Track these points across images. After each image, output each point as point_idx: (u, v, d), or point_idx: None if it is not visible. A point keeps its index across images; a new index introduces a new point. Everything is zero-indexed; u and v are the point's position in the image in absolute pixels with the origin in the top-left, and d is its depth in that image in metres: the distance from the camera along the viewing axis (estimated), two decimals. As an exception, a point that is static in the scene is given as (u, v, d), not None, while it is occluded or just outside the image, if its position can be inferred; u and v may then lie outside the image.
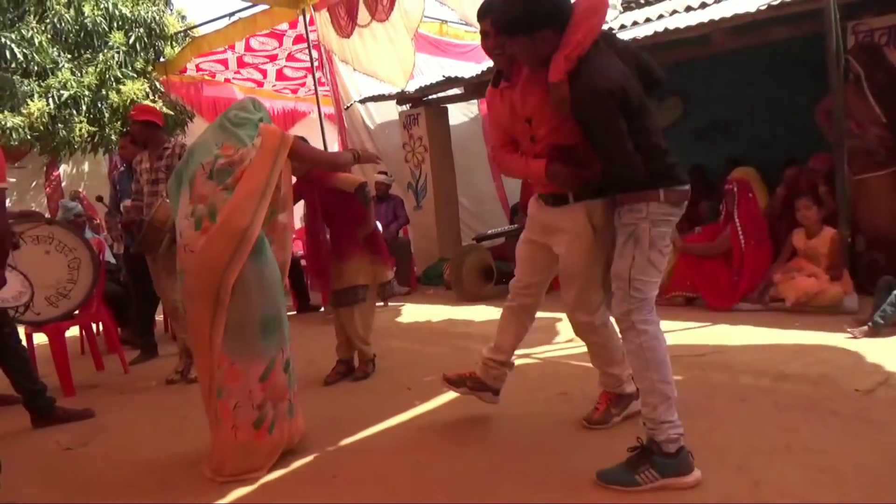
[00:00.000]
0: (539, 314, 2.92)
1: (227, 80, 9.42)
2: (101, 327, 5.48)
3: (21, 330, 3.92)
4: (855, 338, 3.72)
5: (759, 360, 3.52)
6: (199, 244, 2.60)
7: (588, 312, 2.66)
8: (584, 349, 2.90)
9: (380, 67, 7.25)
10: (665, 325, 4.36)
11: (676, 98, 7.87)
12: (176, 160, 4.39)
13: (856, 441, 2.41)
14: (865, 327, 3.76)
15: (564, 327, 4.67)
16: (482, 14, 2.60)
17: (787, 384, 3.10)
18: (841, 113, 4.53)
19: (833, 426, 2.56)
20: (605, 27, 2.39)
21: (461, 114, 8.85)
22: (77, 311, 4.55)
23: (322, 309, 6.58)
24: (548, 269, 2.77)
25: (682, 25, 5.30)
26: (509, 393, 3.36)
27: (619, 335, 2.43)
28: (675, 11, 6.27)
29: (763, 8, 4.87)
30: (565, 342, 4.32)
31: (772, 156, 6.16)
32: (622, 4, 7.66)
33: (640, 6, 7.63)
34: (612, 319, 2.58)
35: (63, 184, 9.68)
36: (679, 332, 4.25)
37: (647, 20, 6.28)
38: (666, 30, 5.36)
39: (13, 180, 8.33)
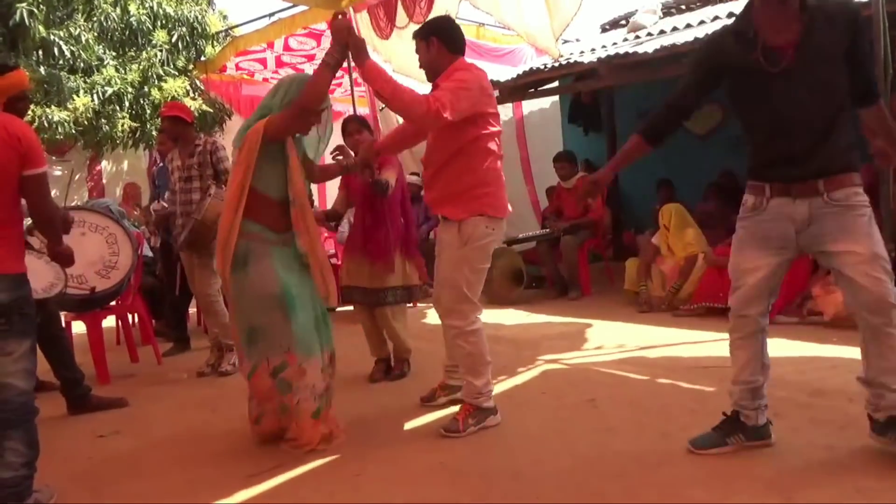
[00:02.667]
0: (568, 319, 2.89)
1: (265, 80, 9.54)
2: (136, 319, 5.59)
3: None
4: (896, 355, 3.60)
5: (795, 374, 3.44)
6: None
7: (460, 318, 2.89)
8: (613, 357, 2.89)
9: (417, 69, 7.25)
10: (696, 335, 4.38)
11: (715, 106, 7.75)
12: (208, 157, 4.40)
13: None
14: (907, 345, 3.64)
15: (592, 334, 4.63)
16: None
17: (824, 400, 3.02)
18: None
19: (872, 445, 2.48)
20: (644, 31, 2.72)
21: (495, 117, 8.83)
22: (130, 279, 4.56)
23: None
24: None
25: (723, 31, 5.19)
26: (536, 399, 3.35)
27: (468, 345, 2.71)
28: (716, 17, 6.16)
29: (808, 15, 4.75)
30: (594, 349, 4.28)
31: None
32: (662, 10, 7.56)
33: (680, 12, 7.52)
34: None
35: (107, 168, 9.86)
36: (711, 343, 4.17)
37: (688, 26, 6.18)
38: (707, 36, 5.26)
39: (58, 174, 8.56)
